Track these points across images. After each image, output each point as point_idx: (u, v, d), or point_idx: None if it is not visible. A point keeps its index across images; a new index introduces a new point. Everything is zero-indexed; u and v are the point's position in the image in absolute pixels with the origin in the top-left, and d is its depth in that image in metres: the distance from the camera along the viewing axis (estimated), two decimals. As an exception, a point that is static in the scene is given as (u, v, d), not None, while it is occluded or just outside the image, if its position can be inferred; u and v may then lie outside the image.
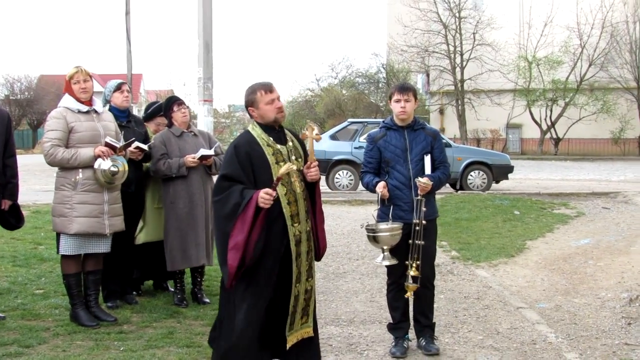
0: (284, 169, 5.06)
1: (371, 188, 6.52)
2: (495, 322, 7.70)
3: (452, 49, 51.71)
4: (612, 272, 10.15)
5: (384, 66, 59.74)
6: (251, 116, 5.49)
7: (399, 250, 6.26)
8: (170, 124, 8.12)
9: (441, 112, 56.51)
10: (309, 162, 5.39)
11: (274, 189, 5.05)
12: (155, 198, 8.26)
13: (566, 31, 50.29)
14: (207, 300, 8.07)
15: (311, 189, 5.53)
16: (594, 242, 12.72)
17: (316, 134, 5.45)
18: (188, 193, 7.90)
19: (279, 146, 5.35)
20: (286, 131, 5.53)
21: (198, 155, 7.87)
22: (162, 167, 7.82)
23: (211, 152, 8.02)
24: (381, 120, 5.78)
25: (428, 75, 56.35)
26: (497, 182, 21.67)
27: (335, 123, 44.90)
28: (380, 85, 60.53)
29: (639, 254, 11.41)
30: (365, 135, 21.62)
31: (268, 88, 5.39)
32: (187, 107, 8.33)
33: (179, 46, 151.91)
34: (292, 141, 5.49)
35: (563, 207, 17.33)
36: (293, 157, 5.38)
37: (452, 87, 52.64)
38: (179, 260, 7.89)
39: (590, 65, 50.78)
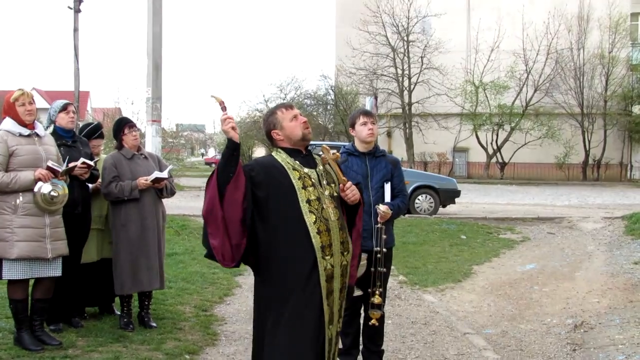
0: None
1: None
2: (442, 348, 7.73)
3: (400, 72, 52.08)
4: (557, 298, 10.27)
5: (333, 88, 59.86)
6: (274, 142, 4.96)
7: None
8: (120, 146, 8.04)
9: (389, 135, 56.78)
10: (341, 185, 4.92)
11: (224, 108, 4.62)
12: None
13: (512, 57, 50.89)
14: (154, 324, 7.97)
15: (353, 213, 5.05)
16: (539, 267, 12.87)
17: (334, 153, 5.00)
18: (140, 216, 7.83)
19: (306, 170, 4.82)
20: (315, 156, 5.03)
21: (152, 177, 7.80)
22: (114, 190, 7.73)
23: (165, 174, 7.97)
24: (329, 142, 5.60)
25: (376, 98, 56.56)
26: (444, 206, 21.79)
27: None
28: (328, 107, 60.58)
29: (584, 280, 11.56)
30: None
31: (288, 105, 5.03)
32: (138, 129, 8.28)
33: (127, 64, 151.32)
34: (324, 165, 4.97)
35: (509, 232, 17.52)
36: (325, 182, 4.86)
37: (400, 110, 52.98)
38: (129, 284, 7.79)
39: (535, 91, 51.46)
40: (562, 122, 51.26)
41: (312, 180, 4.79)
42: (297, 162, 4.82)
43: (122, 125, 8.13)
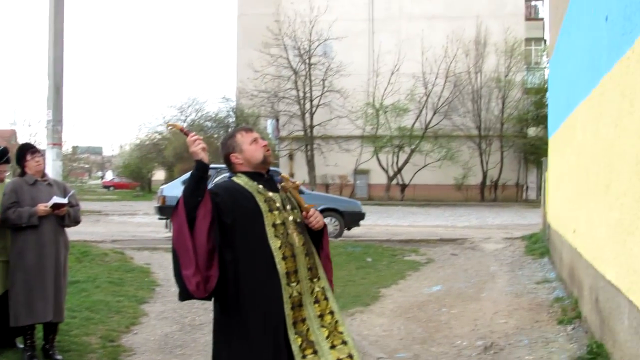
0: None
1: None
2: (356, 374, 7.64)
3: (301, 94, 52.34)
4: (466, 320, 10.32)
5: (234, 110, 59.81)
6: (233, 167, 4.81)
7: None
8: (23, 173, 7.76)
9: (290, 157, 56.91)
10: (304, 212, 4.74)
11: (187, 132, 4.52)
12: None
13: (412, 80, 51.82)
14: (60, 357, 7.66)
15: (319, 238, 4.84)
16: (445, 289, 12.95)
17: (293, 182, 4.82)
18: (38, 244, 7.51)
19: (270, 194, 4.65)
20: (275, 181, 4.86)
21: (50, 203, 7.52)
22: (11, 216, 7.42)
23: (65, 200, 7.68)
24: None
25: (278, 121, 56.78)
26: (349, 228, 21.86)
27: (185, 167, 44.45)
28: (229, 129, 60.51)
29: (489, 300, 11.68)
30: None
31: (248, 128, 4.86)
32: (42, 155, 8.00)
33: (24, 85, 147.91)
34: (285, 193, 4.81)
35: (413, 254, 17.64)
36: (288, 207, 4.69)
37: (302, 133, 53.18)
38: (23, 315, 7.47)
39: (435, 113, 52.48)
40: (461, 144, 52.41)
41: (277, 204, 4.63)
42: (261, 185, 4.67)
43: (25, 151, 7.85)
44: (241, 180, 4.68)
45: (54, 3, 14.20)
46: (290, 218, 4.64)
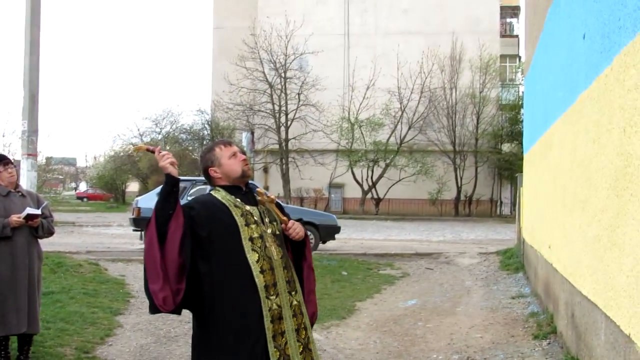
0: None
1: None
2: (332, 388, 7.65)
3: (277, 108, 52.37)
4: (442, 334, 10.34)
5: (209, 123, 59.70)
6: (213, 181, 4.77)
7: None
8: (-5, 184, 7.70)
9: (265, 170, 56.93)
10: (283, 225, 4.72)
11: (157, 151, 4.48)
12: None
13: (387, 94, 52.04)
14: (34, 368, 7.63)
15: (301, 247, 4.86)
16: (420, 303, 12.97)
17: (269, 196, 4.80)
18: (11, 255, 7.45)
19: (248, 207, 4.61)
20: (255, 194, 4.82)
21: (24, 214, 7.45)
22: (-16, 228, 7.37)
23: (38, 211, 7.62)
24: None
25: (253, 134, 56.77)
26: (324, 242, 21.85)
27: (159, 179, 44.30)
28: (204, 142, 60.41)
29: (465, 315, 11.71)
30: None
31: (227, 142, 4.82)
32: (14, 166, 7.94)
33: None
34: (264, 203, 4.79)
35: (388, 268, 17.66)
36: (267, 220, 4.64)
37: (277, 146, 53.21)
38: (-4, 326, 7.43)
39: (410, 128, 52.66)
40: (435, 159, 52.65)
41: (255, 217, 4.59)
42: (238, 199, 4.63)
43: (-3, 162, 7.79)
44: (219, 194, 4.65)
45: (30, 11, 14.17)
46: (269, 231, 4.61)
